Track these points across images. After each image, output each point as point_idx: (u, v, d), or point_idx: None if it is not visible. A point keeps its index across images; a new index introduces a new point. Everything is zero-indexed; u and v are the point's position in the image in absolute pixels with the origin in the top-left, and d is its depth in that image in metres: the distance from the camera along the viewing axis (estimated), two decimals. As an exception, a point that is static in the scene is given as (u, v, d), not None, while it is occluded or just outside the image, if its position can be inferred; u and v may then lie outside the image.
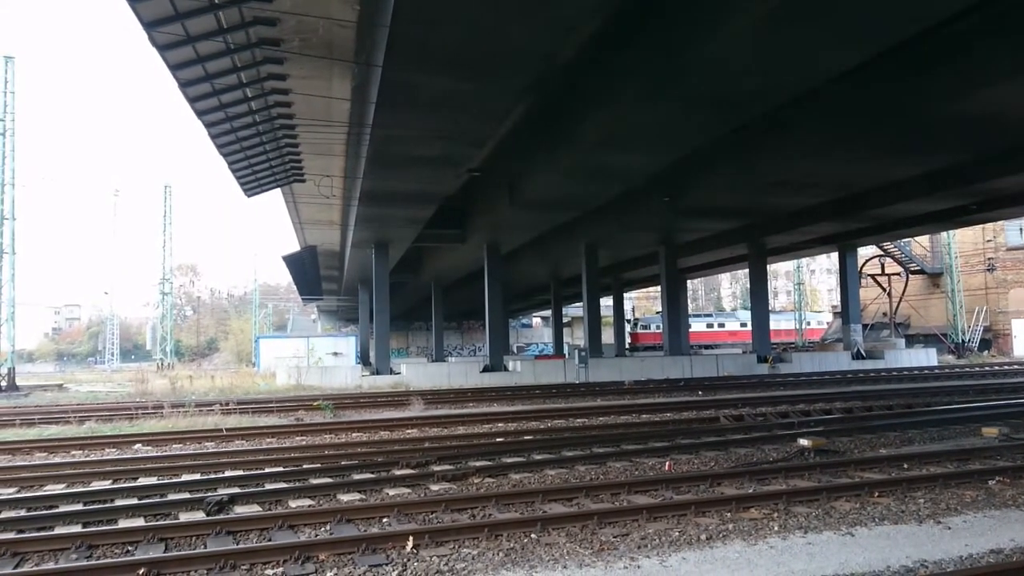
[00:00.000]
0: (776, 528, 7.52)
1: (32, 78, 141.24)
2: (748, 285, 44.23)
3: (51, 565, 6.70)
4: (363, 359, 45.47)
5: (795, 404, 18.91)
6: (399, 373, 32.83)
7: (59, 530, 7.87)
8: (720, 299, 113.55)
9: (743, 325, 59.11)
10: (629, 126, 16.83)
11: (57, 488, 10.32)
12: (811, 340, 58.72)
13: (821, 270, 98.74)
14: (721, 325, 63.90)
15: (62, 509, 8.80)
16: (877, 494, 8.83)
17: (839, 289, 43.92)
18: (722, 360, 36.23)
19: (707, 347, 57.24)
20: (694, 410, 18.96)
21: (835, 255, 42.11)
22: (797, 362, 36.07)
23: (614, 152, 18.93)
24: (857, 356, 37.35)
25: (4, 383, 32.70)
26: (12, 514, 8.63)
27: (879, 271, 45.82)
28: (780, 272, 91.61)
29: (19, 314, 35.40)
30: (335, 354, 46.03)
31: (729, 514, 8.06)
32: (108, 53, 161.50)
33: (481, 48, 13.04)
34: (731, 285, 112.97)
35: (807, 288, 77.29)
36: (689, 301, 58.90)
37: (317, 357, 44.18)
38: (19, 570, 6.53)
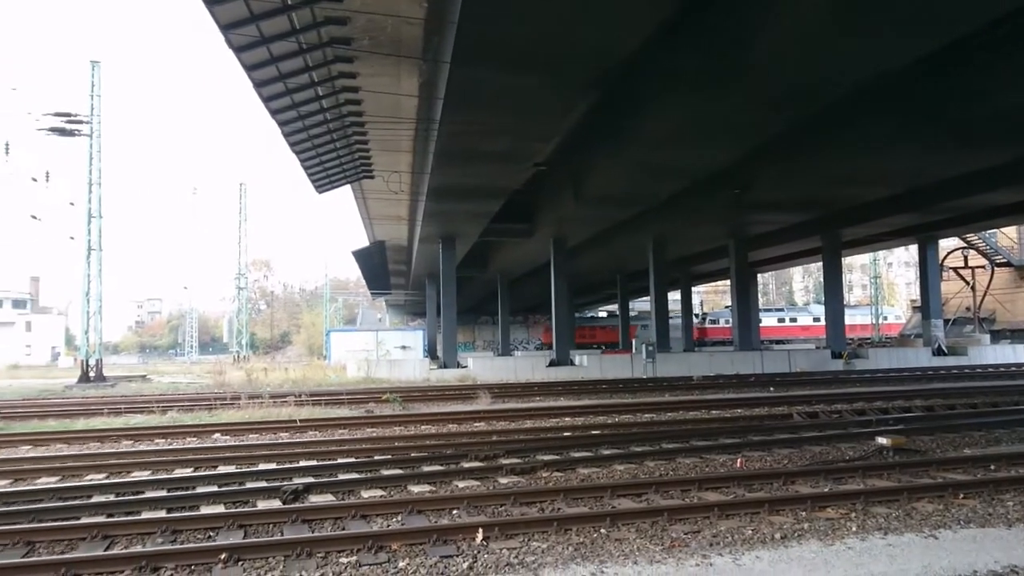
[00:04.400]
0: (854, 528, 7.30)
1: (115, 81, 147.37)
2: (821, 279, 42.93)
3: (139, 548, 6.99)
4: (430, 352, 46.02)
5: (872, 401, 18.31)
6: (466, 367, 33.10)
7: (145, 515, 8.21)
8: (792, 293, 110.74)
9: (816, 320, 57.61)
10: (693, 121, 16.62)
11: (143, 475, 10.77)
12: (888, 335, 56.76)
13: (899, 263, 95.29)
14: (793, 320, 62.42)
15: (148, 495, 9.18)
16: (962, 496, 8.48)
17: (918, 283, 42.24)
18: (794, 356, 35.34)
19: (778, 342, 56.03)
20: (766, 406, 18.56)
21: (914, 247, 40.54)
22: (874, 358, 34.91)
23: (678, 147, 18.71)
24: (938, 352, 35.88)
25: (92, 374, 34.28)
26: (102, 499, 9.05)
27: (962, 264, 43.93)
28: (855, 265, 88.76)
29: (105, 308, 37.00)
30: (403, 347, 46.81)
31: (804, 513, 7.85)
32: (186, 56, 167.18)
33: (548, 44, 13.04)
34: (803, 279, 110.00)
35: (884, 282, 74.65)
36: (759, 295, 57.68)
37: (385, 350, 44.98)
38: (109, 552, 6.84)
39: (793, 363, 33.82)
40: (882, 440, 11.79)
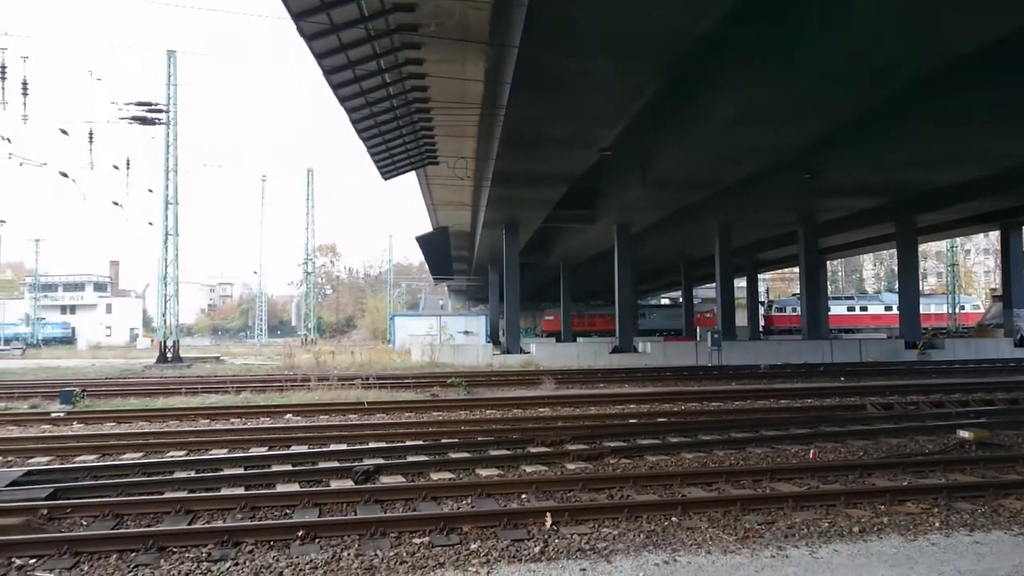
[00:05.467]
0: (937, 524, 7.05)
1: (189, 70, 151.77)
2: (894, 266, 41.52)
3: (220, 523, 7.24)
4: (493, 338, 46.28)
5: (950, 393, 17.67)
6: (529, 352, 33.18)
7: (225, 491, 8.48)
8: (862, 281, 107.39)
9: (888, 309, 55.87)
10: (765, 102, 16.15)
11: (220, 452, 11.14)
12: (965, 325, 54.58)
13: (977, 250, 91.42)
14: (864, 308, 60.60)
15: (226, 472, 9.50)
16: (1053, 494, 8.11)
17: (999, 271, 40.46)
18: (866, 345, 34.33)
19: (848, 331, 54.49)
20: (837, 397, 18.10)
21: (995, 234, 38.79)
22: (950, 348, 33.59)
23: (748, 129, 18.24)
24: (1020, 343, 34.31)
25: (170, 355, 35.60)
26: (183, 475, 9.39)
27: (1048, 250, 41.78)
28: (930, 253, 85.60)
29: (180, 291, 38.29)
30: (465, 332, 47.17)
31: (883, 507, 7.62)
32: (256, 44, 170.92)
33: (618, 27, 12.87)
34: (874, 266, 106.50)
35: (961, 269, 71.69)
36: (828, 283, 56.17)
37: (448, 335, 45.41)
38: (193, 526, 7.09)
39: (864, 353, 32.87)
40: (963, 433, 11.32)
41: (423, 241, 47.91)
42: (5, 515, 7.12)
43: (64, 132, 22.25)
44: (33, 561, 6.10)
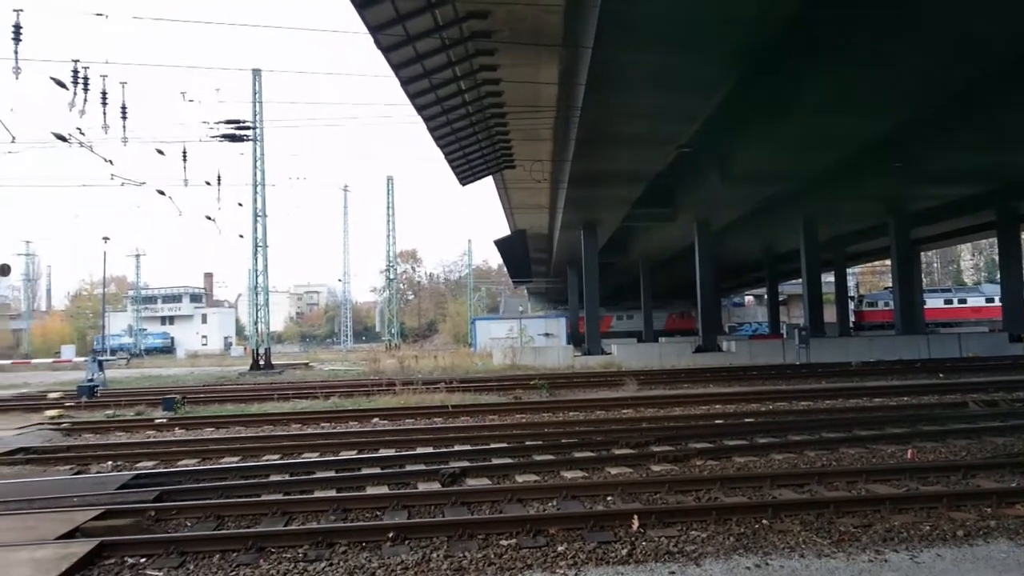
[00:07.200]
0: (1050, 528, 6.67)
1: (274, 86, 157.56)
2: (995, 256, 39.38)
3: (315, 524, 7.48)
4: (573, 339, 46.17)
5: (1062, 389, 16.66)
6: (610, 353, 32.96)
7: (318, 493, 8.75)
8: (960, 272, 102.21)
9: (989, 301, 52.98)
10: (856, 84, 15.59)
11: (312, 456, 11.50)
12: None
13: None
14: (962, 301, 57.63)
15: (318, 475, 9.80)
16: None
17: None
18: (965, 340, 32.66)
19: (945, 325, 51.96)
20: (935, 394, 17.31)
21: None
22: (1061, 342, 31.63)
23: (837, 115, 17.65)
24: None
25: (262, 362, 36.95)
26: (278, 478, 9.74)
27: None
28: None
29: (270, 301, 39.69)
30: (546, 335, 47.19)
31: (989, 510, 7.25)
32: (336, 58, 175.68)
33: (696, 19, 12.70)
34: (973, 256, 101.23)
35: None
36: (922, 275, 53.70)
37: (529, 337, 45.54)
38: (290, 527, 7.35)
39: (964, 348, 31.29)
40: (1078, 432, 10.68)
41: (501, 244, 48.22)
42: (118, 516, 7.56)
43: (160, 152, 23.38)
44: (144, 560, 6.43)
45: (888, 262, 43.95)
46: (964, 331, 42.10)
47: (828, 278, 51.20)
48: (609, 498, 8.22)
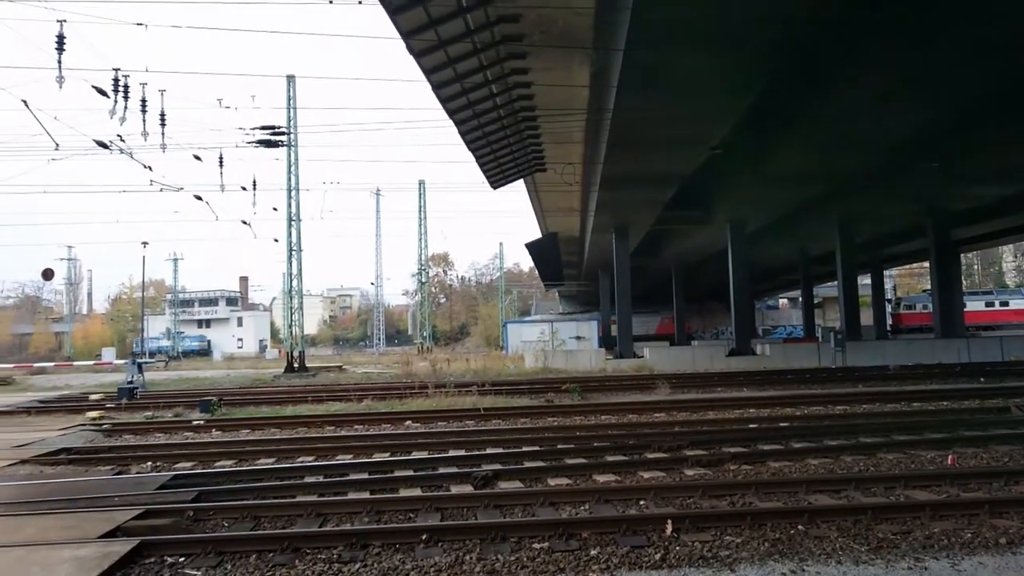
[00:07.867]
0: (1097, 537, 6.50)
1: (308, 92, 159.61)
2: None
3: (349, 526, 7.55)
4: (605, 343, 45.97)
5: (1110, 394, 16.21)
6: (642, 356, 32.78)
7: (352, 495, 8.83)
8: (1002, 274, 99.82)
9: (1033, 303, 51.77)
10: (894, 82, 15.33)
11: (346, 458, 11.61)
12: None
13: None
14: (1004, 304, 56.36)
15: (352, 477, 9.89)
16: None
17: None
18: (1008, 343, 31.93)
19: (986, 328, 50.83)
20: (977, 399, 16.95)
21: None
22: (1108, 345, 30.80)
23: (873, 114, 17.40)
24: None
25: (296, 365, 37.37)
26: (312, 479, 9.85)
27: None
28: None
29: (304, 304, 40.14)
30: (578, 338, 47.03)
31: (1034, 517, 7.10)
32: (368, 63, 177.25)
33: (728, 18, 12.57)
34: (1015, 258, 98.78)
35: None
36: (962, 277, 52.56)
37: (560, 340, 45.42)
38: (324, 529, 7.43)
39: (1006, 351, 30.59)
40: None
41: (533, 248, 48.25)
42: (157, 516, 7.71)
43: (197, 158, 23.84)
44: (183, 559, 6.55)
45: (927, 264, 43.07)
46: (1006, 334, 41.19)
47: (864, 280, 50.38)
48: (642, 502, 8.19)
